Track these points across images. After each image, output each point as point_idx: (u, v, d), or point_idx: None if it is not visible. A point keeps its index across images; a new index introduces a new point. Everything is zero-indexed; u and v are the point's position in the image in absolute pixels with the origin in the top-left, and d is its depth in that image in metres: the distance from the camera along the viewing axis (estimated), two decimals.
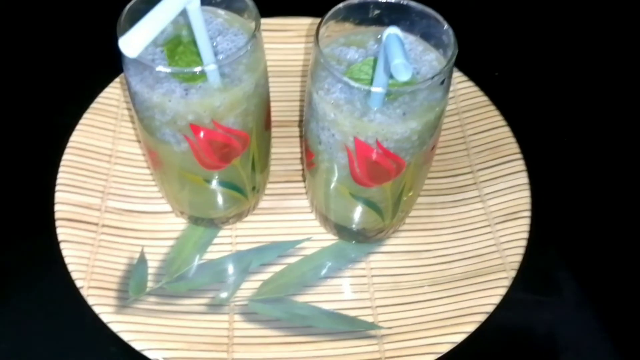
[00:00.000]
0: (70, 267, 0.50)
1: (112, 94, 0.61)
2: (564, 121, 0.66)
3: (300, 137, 0.61)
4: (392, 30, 0.36)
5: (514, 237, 0.53)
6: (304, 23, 0.68)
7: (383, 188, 0.47)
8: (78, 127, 0.58)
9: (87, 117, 0.59)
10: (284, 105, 0.63)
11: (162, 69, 0.41)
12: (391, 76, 0.36)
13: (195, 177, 0.48)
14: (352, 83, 0.40)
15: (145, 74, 0.42)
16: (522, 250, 0.53)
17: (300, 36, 0.68)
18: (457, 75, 0.64)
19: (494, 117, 0.62)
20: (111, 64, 0.61)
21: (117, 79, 0.62)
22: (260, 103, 0.46)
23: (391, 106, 0.42)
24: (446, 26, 0.43)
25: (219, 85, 0.42)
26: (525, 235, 0.53)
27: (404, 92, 0.41)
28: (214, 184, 0.49)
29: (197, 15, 0.37)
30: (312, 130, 0.46)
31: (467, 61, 0.61)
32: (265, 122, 0.49)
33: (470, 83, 0.64)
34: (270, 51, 0.56)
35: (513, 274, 0.51)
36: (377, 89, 0.40)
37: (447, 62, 0.42)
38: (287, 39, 0.67)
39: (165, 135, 0.44)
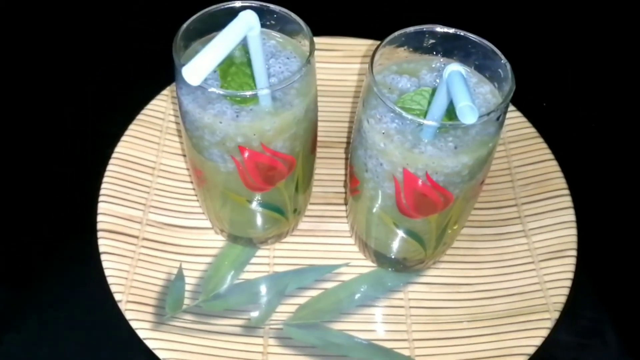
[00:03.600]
0: (110, 280, 0.50)
1: (158, 106, 0.62)
2: (613, 157, 0.64)
3: (345, 159, 0.60)
4: (455, 67, 0.35)
5: (558, 277, 0.52)
6: (352, 43, 0.67)
7: (428, 220, 0.46)
8: (123, 138, 0.59)
9: (133, 129, 0.60)
10: (328, 125, 0.63)
11: (216, 90, 0.40)
12: (450, 115, 0.35)
13: (239, 197, 0.48)
14: (406, 115, 0.39)
15: (198, 94, 0.42)
16: (566, 291, 0.51)
17: (346, 56, 0.67)
18: None
19: (541, 150, 0.60)
20: (160, 76, 0.62)
21: (165, 91, 0.62)
22: (308, 127, 0.46)
23: (443, 139, 0.42)
24: (503, 60, 0.42)
25: (270, 108, 0.42)
26: (571, 275, 0.52)
27: (458, 125, 0.40)
28: (256, 205, 0.49)
29: (256, 42, 0.37)
30: (359, 157, 0.45)
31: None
32: (312, 146, 0.48)
33: (518, 113, 0.63)
34: (317, 70, 0.56)
35: (557, 315, 0.50)
36: (431, 123, 0.39)
37: (504, 98, 0.41)
38: (334, 59, 0.67)
39: (212, 155, 0.44)
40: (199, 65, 0.33)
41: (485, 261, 0.54)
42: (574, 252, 0.53)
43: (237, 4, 0.44)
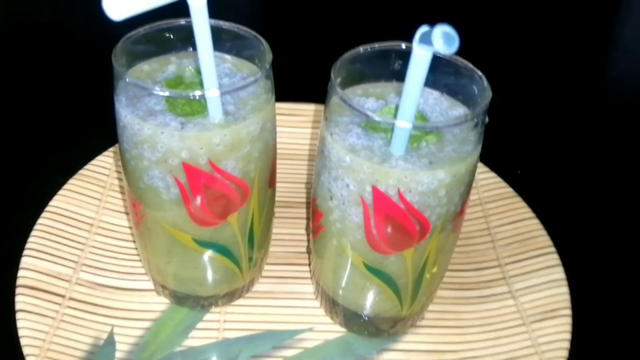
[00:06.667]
0: (23, 341, 0.42)
1: (103, 163, 0.56)
2: (596, 213, 0.60)
3: (307, 218, 0.55)
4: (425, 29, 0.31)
5: (554, 338, 0.45)
6: (311, 109, 0.65)
7: (403, 257, 0.40)
8: (60, 192, 0.53)
9: (72, 183, 0.54)
10: (288, 186, 0.58)
11: (159, 91, 0.36)
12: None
13: (184, 235, 0.41)
14: (376, 117, 0.35)
15: (139, 106, 0.38)
16: (564, 353, 0.44)
17: (307, 121, 0.64)
18: (479, 166, 0.59)
19: (520, 209, 0.56)
20: (105, 139, 0.57)
21: (112, 148, 0.57)
22: (265, 150, 0.40)
23: (415, 155, 0.37)
24: (478, 73, 0.39)
25: (220, 120, 0.37)
26: (568, 335, 0.45)
27: (434, 127, 0.36)
28: (205, 246, 0.42)
29: (202, 17, 0.33)
30: (322, 184, 0.40)
31: (487, 160, 0.58)
32: (269, 177, 0.43)
33: (493, 174, 0.59)
34: (278, 134, 0.53)
35: None
36: (404, 124, 0.34)
37: (482, 103, 0.37)
38: (293, 123, 0.64)
39: (153, 179, 0.38)
40: None
41: (469, 325, 0.48)
42: (569, 311, 0.47)
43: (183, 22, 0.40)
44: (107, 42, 0.40)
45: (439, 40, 0.28)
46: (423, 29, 0.30)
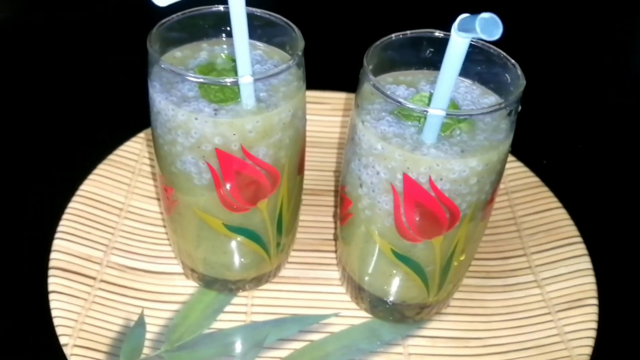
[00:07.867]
0: (56, 321, 0.43)
1: (132, 148, 0.57)
2: (622, 202, 0.59)
3: (335, 206, 0.55)
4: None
5: (580, 327, 0.45)
6: (340, 97, 0.65)
7: (432, 245, 0.40)
8: (90, 176, 0.53)
9: (102, 168, 0.55)
10: (316, 174, 0.59)
11: (193, 78, 0.36)
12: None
13: (215, 220, 0.42)
14: (410, 105, 0.35)
15: (173, 92, 0.38)
16: (591, 342, 0.44)
17: (336, 109, 0.64)
18: None
19: (547, 199, 0.56)
20: (134, 125, 0.58)
21: (141, 134, 0.58)
22: (295, 137, 0.41)
23: (447, 143, 0.37)
24: (512, 61, 0.39)
25: (253, 107, 0.37)
26: (594, 325, 0.45)
27: (467, 115, 0.36)
28: (235, 231, 0.43)
29: (239, 5, 0.33)
30: (352, 171, 0.40)
31: (513, 149, 0.57)
32: (299, 164, 0.43)
33: (519, 163, 0.59)
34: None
35: None
36: (438, 112, 0.35)
37: (516, 92, 0.37)
38: (322, 112, 0.64)
39: (186, 164, 0.39)
40: None
41: (495, 313, 0.48)
42: (595, 301, 0.47)
43: (221, 8, 0.41)
44: (137, 28, 0.40)
45: (480, 27, 0.28)
46: (463, 15, 0.29)
